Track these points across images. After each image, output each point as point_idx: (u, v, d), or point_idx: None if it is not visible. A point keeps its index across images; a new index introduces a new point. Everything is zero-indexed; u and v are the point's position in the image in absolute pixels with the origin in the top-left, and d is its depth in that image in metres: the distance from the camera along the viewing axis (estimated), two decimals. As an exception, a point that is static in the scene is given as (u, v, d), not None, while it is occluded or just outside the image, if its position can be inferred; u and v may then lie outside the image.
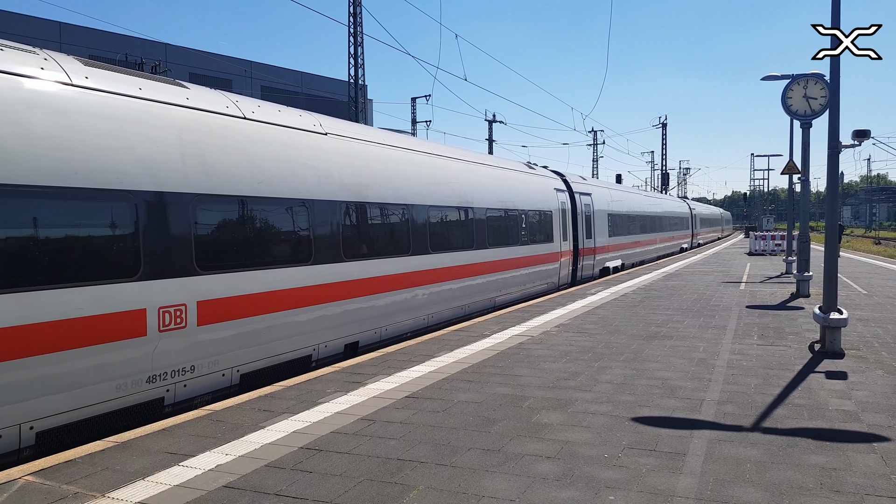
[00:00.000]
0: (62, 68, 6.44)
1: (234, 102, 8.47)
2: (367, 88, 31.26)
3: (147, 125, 6.97)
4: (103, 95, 6.64)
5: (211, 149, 7.65)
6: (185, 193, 7.13)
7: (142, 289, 6.60)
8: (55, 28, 35.55)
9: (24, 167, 5.73)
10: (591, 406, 6.61)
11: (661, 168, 73.59)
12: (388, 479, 4.81)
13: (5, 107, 5.74)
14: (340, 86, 44.12)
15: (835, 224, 9.58)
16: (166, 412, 6.95)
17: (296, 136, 9.18)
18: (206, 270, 7.31)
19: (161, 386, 6.89)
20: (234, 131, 8.10)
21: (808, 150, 15.77)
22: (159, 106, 7.20)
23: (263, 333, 8.12)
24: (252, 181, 8.07)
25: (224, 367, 7.62)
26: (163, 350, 6.84)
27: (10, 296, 5.55)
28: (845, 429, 5.91)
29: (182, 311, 7.02)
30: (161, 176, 6.91)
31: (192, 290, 7.13)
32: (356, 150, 10.46)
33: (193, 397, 7.31)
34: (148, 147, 6.87)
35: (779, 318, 12.46)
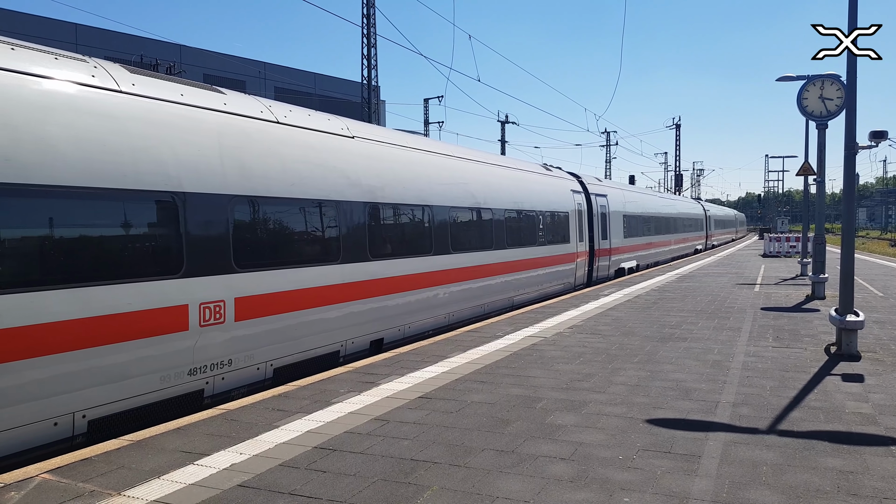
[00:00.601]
0: (111, 76, 6.75)
1: (268, 107, 8.79)
2: (380, 89, 31.33)
3: (189, 130, 7.29)
4: (148, 101, 6.96)
5: (247, 152, 7.96)
6: (223, 195, 7.44)
7: (185, 285, 6.91)
8: (71, 29, 35.89)
9: (78, 170, 6.02)
10: (605, 407, 6.59)
11: (675, 169, 73.27)
12: (402, 479, 4.81)
13: (61, 112, 6.04)
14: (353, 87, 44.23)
15: (852, 226, 9.50)
16: (205, 404, 7.23)
17: (325, 140, 9.50)
18: (242, 268, 7.60)
19: (201, 378, 7.20)
20: (268, 135, 8.42)
21: (823, 152, 15.64)
22: (199, 111, 7.54)
23: (295, 329, 8.42)
24: (285, 183, 8.38)
25: (259, 361, 7.91)
26: (203, 344, 7.15)
27: (66, 291, 5.85)
28: (862, 432, 5.86)
29: (221, 307, 7.32)
30: (202, 178, 7.22)
31: (229, 286, 7.42)
32: (382, 153, 10.79)
33: (230, 390, 7.59)
34: (190, 150, 7.19)
35: (794, 321, 12.36)
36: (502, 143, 45.89)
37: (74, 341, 5.92)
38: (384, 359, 8.99)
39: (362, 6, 28.86)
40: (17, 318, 5.50)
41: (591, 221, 20.97)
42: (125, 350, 6.35)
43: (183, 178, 6.99)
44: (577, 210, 19.64)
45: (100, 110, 6.39)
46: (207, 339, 7.17)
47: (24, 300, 5.56)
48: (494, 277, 14.04)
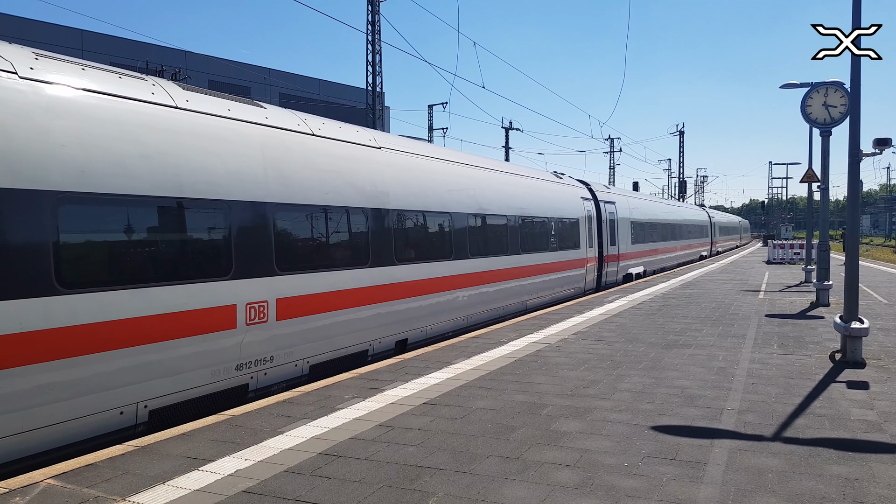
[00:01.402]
0: (167, 93, 7.29)
1: (304, 120, 9.37)
2: (384, 96, 31.40)
3: (236, 142, 7.85)
4: (201, 116, 7.52)
5: (287, 162, 8.53)
6: (267, 202, 7.99)
7: (233, 287, 7.46)
8: (77, 35, 36.06)
9: (143, 180, 6.57)
10: (610, 414, 6.58)
11: (679, 176, 73.23)
12: (407, 485, 4.81)
13: (128, 128, 6.59)
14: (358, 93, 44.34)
15: (856, 233, 9.48)
16: (249, 397, 7.75)
17: (354, 151, 10.08)
18: (283, 271, 8.13)
19: (246, 373, 7.71)
20: (305, 146, 9.00)
21: (827, 159, 15.62)
22: (245, 125, 8.10)
23: (329, 329, 8.97)
24: (320, 191, 8.94)
25: (297, 358, 8.44)
26: (249, 341, 7.68)
27: (132, 291, 6.41)
28: (868, 439, 5.84)
29: (265, 307, 7.85)
30: (248, 187, 7.79)
31: (272, 288, 7.95)
32: (406, 163, 11.39)
33: (272, 385, 8.09)
34: (237, 161, 7.75)
35: (798, 328, 12.34)
36: (506, 149, 45.92)
37: (139, 337, 6.45)
38: (388, 365, 8.99)
39: (367, 13, 28.98)
40: (91, 316, 6.02)
41: (601, 228, 21.45)
42: (182, 346, 6.88)
43: (232, 187, 7.55)
44: (587, 217, 20.13)
45: (160, 125, 6.95)
46: (252, 336, 7.71)
47: (98, 299, 6.09)
48: (510, 282, 14.56)
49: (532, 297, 15.91)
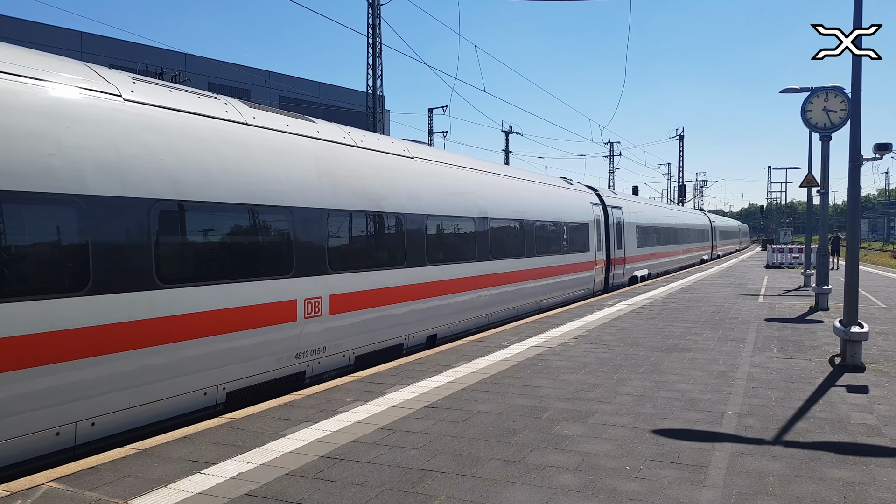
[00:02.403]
0: (237, 111, 8.16)
1: (348, 133, 10.25)
2: (384, 99, 31.44)
3: (295, 154, 8.72)
4: (266, 131, 8.37)
5: (337, 172, 9.34)
6: (321, 208, 8.81)
7: (295, 284, 8.27)
8: (76, 38, 36.10)
9: (223, 189, 7.41)
10: (611, 418, 6.59)
11: (678, 180, 73.30)
12: (410, 488, 4.82)
13: (209, 143, 7.45)
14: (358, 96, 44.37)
15: (856, 238, 9.50)
16: (306, 383, 8.48)
17: (391, 160, 10.94)
18: (334, 270, 8.97)
19: (304, 361, 8.53)
20: (350, 157, 9.84)
21: (827, 163, 15.66)
22: (301, 138, 8.98)
23: (371, 323, 9.77)
24: (364, 198, 9.77)
25: (345, 349, 9.27)
26: (306, 332, 8.49)
27: (215, 286, 7.19)
28: (868, 443, 5.86)
29: (319, 303, 8.68)
30: (306, 195, 8.60)
31: (325, 285, 8.77)
32: (435, 171, 12.30)
33: (323, 373, 8.91)
34: (297, 172, 8.59)
35: (798, 332, 12.36)
36: (506, 153, 45.95)
37: (221, 326, 7.27)
38: (389, 368, 9.00)
39: (368, 16, 29.03)
40: (184, 307, 6.86)
41: (608, 232, 22.15)
42: (254, 336, 7.70)
43: (293, 194, 8.37)
44: (596, 221, 20.92)
45: (234, 140, 7.81)
46: (310, 328, 8.53)
47: (189, 293, 6.93)
48: (527, 282, 15.43)
49: (546, 297, 16.72)
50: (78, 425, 5.99)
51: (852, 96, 9.13)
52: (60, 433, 5.86)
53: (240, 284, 7.52)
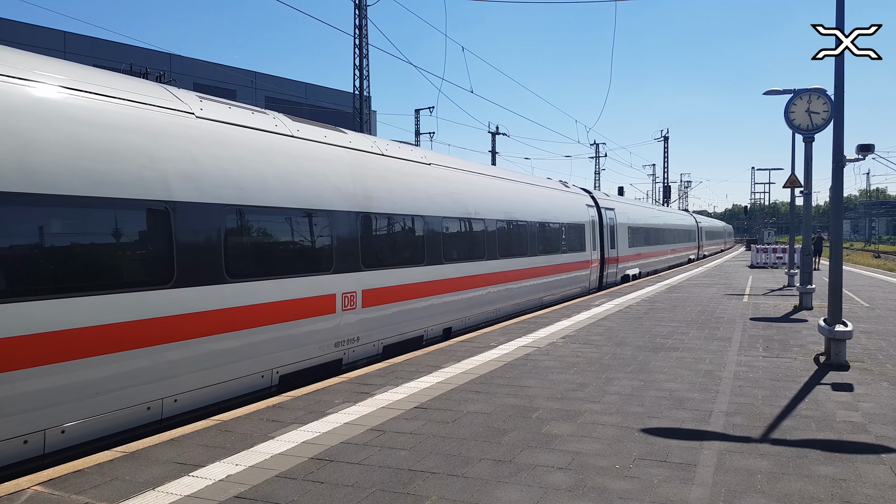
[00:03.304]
0: (285, 124, 9.05)
1: (374, 142, 11.25)
2: (371, 100, 31.37)
3: (333, 163, 9.63)
4: (309, 143, 9.29)
5: (367, 178, 10.22)
6: (355, 212, 9.70)
7: (334, 279, 9.15)
8: (59, 37, 35.72)
9: (277, 194, 8.29)
10: (600, 417, 6.62)
11: (663, 181, 73.76)
12: (400, 489, 4.81)
13: (264, 154, 8.33)
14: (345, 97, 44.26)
15: (839, 238, 9.61)
16: (342, 370, 9.34)
17: (411, 167, 11.88)
18: (366, 267, 9.83)
19: (341, 350, 9.38)
20: (378, 165, 10.78)
21: (810, 164, 15.84)
22: (337, 149, 9.89)
23: (397, 316, 10.67)
24: (389, 202, 10.66)
25: (375, 339, 10.12)
26: (344, 323, 9.35)
27: (270, 281, 8.07)
28: (853, 440, 5.93)
29: (354, 296, 9.56)
30: (343, 199, 9.48)
31: (359, 281, 9.65)
32: (449, 176, 13.28)
33: (357, 360, 9.74)
34: (335, 178, 9.50)
35: (783, 331, 12.47)
36: (493, 153, 45.99)
37: (276, 316, 8.11)
38: (378, 369, 8.98)
39: (355, 16, 28.95)
40: (248, 299, 7.71)
41: (602, 232, 23.18)
42: (301, 325, 8.54)
43: (332, 199, 9.25)
44: (591, 222, 21.98)
45: (284, 151, 8.72)
46: (346, 320, 9.38)
47: (251, 286, 7.79)
48: (530, 280, 16.42)
49: (547, 294, 17.70)
50: (164, 401, 6.80)
51: (835, 98, 9.22)
52: (151, 407, 6.68)
53: (291, 279, 8.41)
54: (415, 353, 10.18)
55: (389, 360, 9.67)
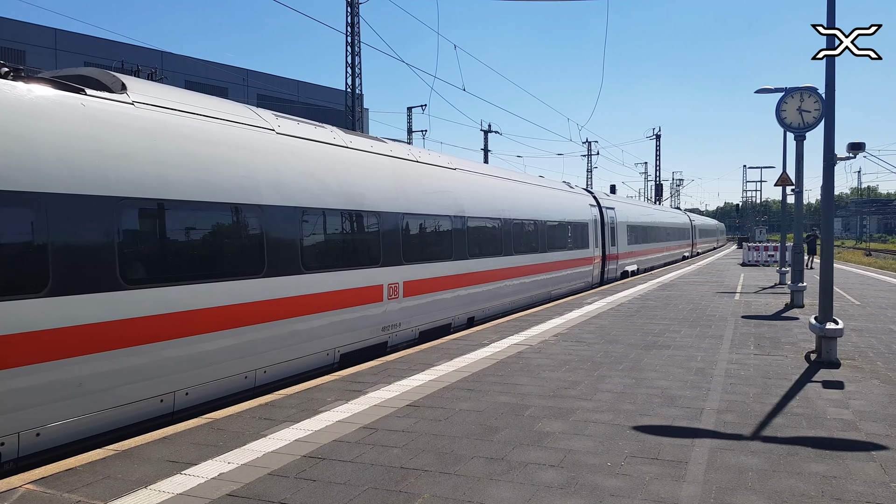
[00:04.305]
0: (341, 137, 10.41)
1: (410, 151, 12.70)
2: (363, 98, 31.30)
3: (379, 170, 10.96)
4: (359, 152, 10.62)
5: (405, 183, 11.56)
6: (398, 213, 11.02)
7: (382, 272, 10.48)
8: (50, 34, 35.47)
9: (338, 198, 9.62)
10: (592, 415, 6.63)
11: (655, 179, 73.93)
12: (393, 487, 4.81)
13: (327, 163, 9.69)
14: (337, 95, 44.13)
15: (831, 236, 9.65)
16: (388, 351, 10.58)
17: (440, 172, 13.32)
18: (406, 261, 11.13)
19: (386, 333, 10.71)
20: (414, 171, 12.13)
21: (801, 163, 15.90)
22: (382, 157, 11.24)
23: (430, 305, 11.98)
24: (424, 203, 11.99)
25: (413, 325, 11.47)
26: (389, 310, 10.66)
27: (330, 273, 9.34)
28: (844, 437, 5.96)
29: (397, 287, 10.87)
30: (388, 202, 10.79)
31: (401, 273, 10.97)
32: (472, 180, 14.65)
33: (399, 344, 11.01)
34: (381, 184, 10.82)
35: (774, 328, 12.53)
36: (485, 152, 45.99)
37: (339, 302, 9.42)
38: (370, 367, 8.98)
39: (347, 14, 28.89)
40: (317, 288, 9.00)
41: (603, 231, 24.49)
42: (357, 311, 9.84)
43: (379, 202, 10.55)
44: (594, 221, 23.38)
45: (342, 160, 10.07)
46: (390, 307, 10.69)
47: (319, 277, 9.06)
48: (541, 274, 17.82)
49: (555, 287, 19.01)
50: (257, 372, 8.04)
51: (826, 96, 9.26)
52: (247, 377, 7.92)
53: (349, 272, 9.72)
54: (406, 351, 10.19)
55: (382, 357, 9.68)
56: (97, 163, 6.35)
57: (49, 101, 6.21)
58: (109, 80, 7.20)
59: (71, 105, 6.37)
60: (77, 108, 6.40)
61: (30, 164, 5.80)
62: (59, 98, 6.32)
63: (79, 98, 6.50)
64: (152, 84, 7.77)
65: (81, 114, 6.41)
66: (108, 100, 6.80)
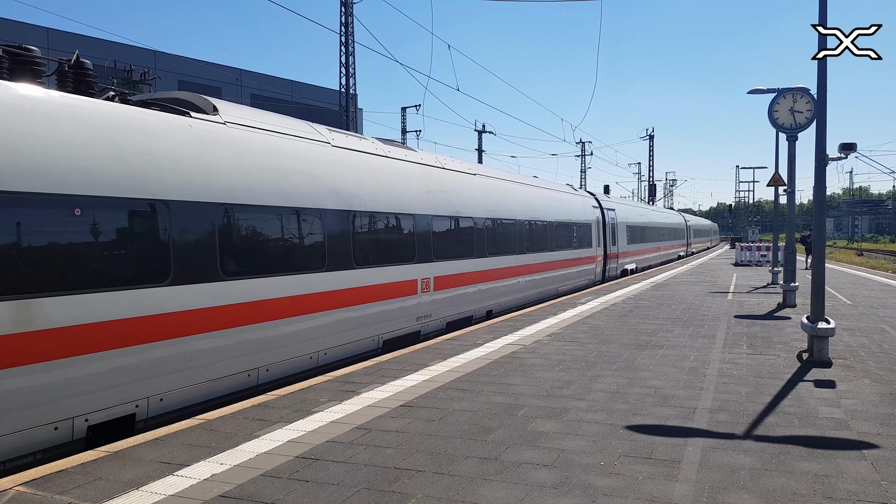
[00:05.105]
0: (381, 147, 11.73)
1: (436, 158, 14.05)
2: (357, 98, 31.27)
3: (412, 177, 12.22)
4: (396, 161, 11.94)
5: (433, 187, 12.85)
6: (428, 214, 12.22)
7: (416, 268, 11.68)
8: (43, 33, 35.32)
9: (383, 202, 10.87)
10: (585, 414, 6.64)
11: (648, 179, 74.10)
12: (386, 487, 4.80)
13: (371, 171, 10.91)
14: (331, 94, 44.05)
15: (822, 236, 9.69)
16: (421, 339, 11.76)
17: (464, 177, 14.63)
18: (436, 259, 12.36)
19: (420, 323, 11.90)
20: (441, 176, 13.47)
21: (793, 163, 15.95)
22: (415, 165, 12.57)
23: (455, 298, 13.17)
24: (450, 206, 13.26)
25: (441, 317, 12.67)
26: (422, 303, 11.88)
27: (380, 268, 10.59)
28: (836, 436, 5.99)
29: (428, 282, 12.07)
30: (420, 204, 12.02)
31: (431, 270, 12.15)
32: (488, 184, 15.96)
33: (429, 333, 12.17)
34: (414, 189, 12.06)
35: (767, 328, 12.58)
36: (479, 152, 46.02)
37: (382, 295, 10.59)
38: (364, 367, 8.97)
39: (341, 14, 28.85)
40: (366, 282, 10.17)
41: (605, 231, 25.60)
42: (396, 302, 11.01)
43: (414, 205, 11.82)
44: (597, 221, 24.67)
45: (383, 168, 11.32)
46: (423, 300, 11.90)
47: (368, 272, 10.26)
48: (551, 272, 19.10)
49: (562, 284, 20.20)
50: (319, 354, 9.19)
51: (818, 97, 9.31)
52: (312, 357, 9.06)
53: (390, 267, 10.87)
54: (400, 351, 10.19)
55: (375, 358, 9.67)
56: (203, 174, 7.53)
57: (166, 124, 7.39)
58: (202, 102, 8.41)
59: (182, 126, 7.56)
60: (186, 128, 7.59)
61: (156, 176, 6.92)
62: (173, 120, 7.51)
63: (187, 120, 7.69)
64: (236, 105, 9.18)
65: (190, 134, 7.60)
66: (207, 121, 8.01)
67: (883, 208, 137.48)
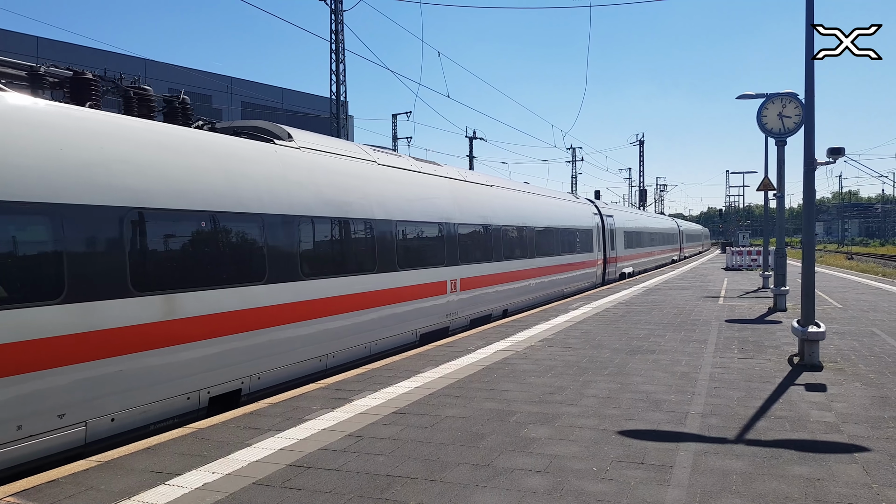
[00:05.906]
0: (413, 163, 13.33)
1: (459, 172, 15.68)
2: (348, 105, 31.26)
3: (442, 188, 13.85)
4: (427, 175, 13.52)
5: (459, 198, 14.38)
6: (456, 223, 13.74)
7: (446, 270, 13.15)
8: (32, 42, 35.14)
9: (418, 212, 12.42)
10: (577, 420, 6.65)
11: (639, 184, 74.34)
12: (379, 495, 4.79)
13: (407, 186, 12.49)
14: (321, 102, 44.01)
15: (812, 240, 9.75)
16: (449, 334, 13.07)
17: (483, 189, 16.23)
18: (462, 262, 13.80)
19: (448, 320, 13.30)
20: (463, 188, 15.00)
21: (783, 167, 16.03)
22: (442, 178, 14.18)
23: (477, 298, 14.55)
24: (473, 214, 14.75)
25: (465, 314, 14.07)
26: (450, 301, 13.29)
27: (418, 270, 12.05)
28: (827, 440, 6.02)
29: (456, 283, 13.49)
30: (448, 214, 13.54)
31: (458, 272, 13.60)
32: (502, 194, 17.52)
33: (456, 328, 13.55)
34: (443, 200, 13.69)
35: (758, 332, 12.63)
36: (470, 158, 46.04)
37: (418, 294, 11.99)
38: (356, 374, 8.95)
39: (331, 21, 28.87)
40: (406, 282, 11.58)
41: (604, 236, 26.97)
42: (430, 301, 12.45)
43: (443, 214, 13.32)
44: (597, 227, 26.18)
45: (417, 182, 12.92)
46: (451, 299, 13.31)
47: (407, 274, 11.61)
48: (557, 274, 20.65)
49: (567, 286, 21.65)
50: (371, 345, 10.59)
51: (806, 102, 9.38)
52: (366, 347, 10.45)
53: (425, 270, 12.31)
54: (392, 358, 10.17)
55: (367, 365, 9.66)
56: (286, 193, 8.96)
57: (258, 151, 8.88)
58: (279, 130, 9.84)
59: (269, 152, 9.05)
60: (273, 154, 9.08)
61: (254, 195, 8.38)
62: (262, 148, 9.00)
63: (272, 147, 9.20)
64: (305, 132, 10.41)
65: (276, 158, 9.10)
66: (286, 146, 9.51)
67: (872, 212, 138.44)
